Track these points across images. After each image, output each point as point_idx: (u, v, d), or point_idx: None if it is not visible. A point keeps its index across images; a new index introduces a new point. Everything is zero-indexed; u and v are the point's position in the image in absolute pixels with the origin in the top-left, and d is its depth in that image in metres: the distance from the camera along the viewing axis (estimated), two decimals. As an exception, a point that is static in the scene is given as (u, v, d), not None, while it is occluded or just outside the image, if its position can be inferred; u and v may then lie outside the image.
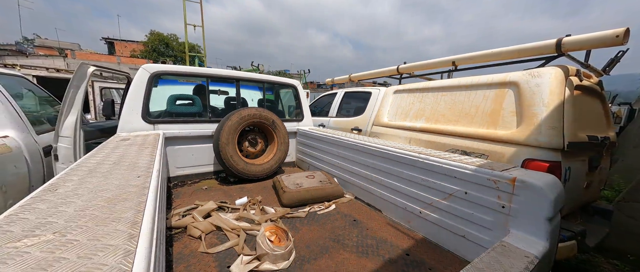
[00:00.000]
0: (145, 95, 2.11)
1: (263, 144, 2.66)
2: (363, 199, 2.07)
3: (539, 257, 0.91)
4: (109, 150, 1.28)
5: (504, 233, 1.12)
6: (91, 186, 0.77)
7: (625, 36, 1.56)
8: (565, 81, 1.73)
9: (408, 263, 1.29)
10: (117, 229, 0.52)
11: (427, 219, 1.52)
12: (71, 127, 1.92)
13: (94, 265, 0.41)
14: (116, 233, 0.51)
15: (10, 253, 0.43)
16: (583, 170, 1.88)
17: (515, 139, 1.78)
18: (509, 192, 1.13)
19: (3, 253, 0.43)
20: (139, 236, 0.50)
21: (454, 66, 2.66)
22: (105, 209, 0.61)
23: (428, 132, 2.44)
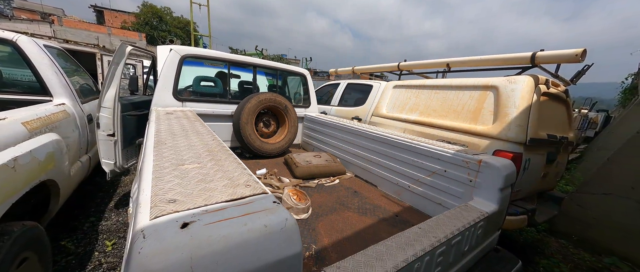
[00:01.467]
0: (176, 75, 2.36)
1: (275, 125, 2.98)
2: (361, 177, 2.45)
3: (489, 213, 1.31)
4: (166, 121, 1.58)
5: (469, 200, 1.52)
6: (184, 143, 1.09)
7: (582, 55, 1.94)
8: (534, 88, 2.11)
9: (397, 222, 1.70)
10: (232, 163, 0.86)
11: (414, 192, 1.92)
12: (111, 99, 2.17)
13: (236, 178, 0.75)
14: (234, 165, 0.84)
15: (184, 170, 0.77)
16: (541, 162, 2.32)
17: (490, 133, 2.18)
18: (476, 170, 1.52)
19: (180, 171, 0.77)
20: (244, 165, 0.84)
21: (448, 67, 3.01)
22: (217, 153, 0.94)
23: (421, 124, 2.82)
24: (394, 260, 0.86)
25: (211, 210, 0.56)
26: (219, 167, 0.83)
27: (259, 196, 0.65)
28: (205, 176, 0.75)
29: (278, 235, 0.53)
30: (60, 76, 1.92)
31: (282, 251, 0.52)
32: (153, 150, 0.96)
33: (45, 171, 1.31)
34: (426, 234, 1.03)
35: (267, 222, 0.53)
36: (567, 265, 2.70)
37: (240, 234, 0.49)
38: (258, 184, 0.72)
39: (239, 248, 0.48)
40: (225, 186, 0.69)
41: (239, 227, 0.51)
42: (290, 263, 0.53)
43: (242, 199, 0.63)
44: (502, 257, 1.53)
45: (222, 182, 0.71)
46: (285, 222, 0.55)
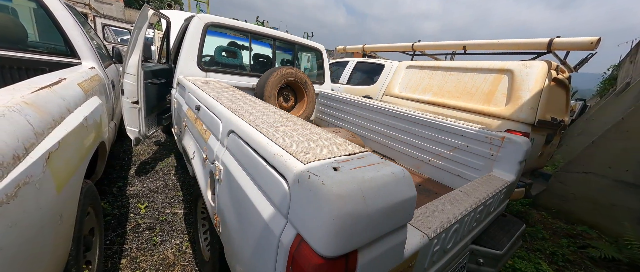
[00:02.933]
0: (200, 44, 2.30)
1: (294, 100, 3.02)
2: (380, 152, 2.61)
3: (510, 182, 1.51)
4: (211, 90, 1.60)
5: (489, 172, 1.72)
6: (253, 109, 1.15)
7: (597, 43, 2.10)
8: (547, 73, 2.28)
9: (421, 190, 1.89)
10: (309, 128, 0.95)
11: (434, 165, 2.10)
12: (135, 65, 2.11)
13: (333, 139, 0.84)
14: (316, 129, 0.93)
15: (285, 131, 0.85)
16: (541, 142, 2.57)
17: (502, 115, 2.36)
18: (498, 146, 1.70)
19: (282, 132, 0.85)
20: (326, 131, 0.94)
21: (464, 50, 3.10)
22: (289, 120, 1.02)
23: (434, 105, 2.97)
24: (452, 213, 1.02)
25: (342, 160, 0.66)
26: (309, 130, 0.92)
27: (366, 153, 0.76)
28: (306, 136, 0.84)
29: (402, 180, 0.64)
30: (85, 37, 1.83)
31: (406, 192, 0.64)
32: (233, 115, 1.03)
33: (101, 133, 1.33)
34: (469, 195, 1.20)
35: (391, 171, 0.65)
36: (547, 232, 3.12)
37: (380, 177, 0.61)
38: (354, 145, 0.83)
39: (383, 187, 0.59)
40: (332, 144, 0.79)
41: (375, 172, 0.62)
42: (410, 202, 0.65)
43: (356, 154, 0.73)
44: (509, 221, 1.77)
45: (325, 142, 0.81)
46: (403, 172, 0.67)
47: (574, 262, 2.56)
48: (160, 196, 2.38)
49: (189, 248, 1.83)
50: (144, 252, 1.71)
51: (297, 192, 0.58)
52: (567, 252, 2.68)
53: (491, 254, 1.42)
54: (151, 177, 2.70)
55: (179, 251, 1.78)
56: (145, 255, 1.70)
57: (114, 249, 1.70)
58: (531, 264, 2.37)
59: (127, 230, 1.89)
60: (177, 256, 1.74)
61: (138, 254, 1.69)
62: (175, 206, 2.28)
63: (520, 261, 2.39)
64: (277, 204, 0.66)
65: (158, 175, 2.76)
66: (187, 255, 1.77)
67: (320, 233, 0.51)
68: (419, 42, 3.62)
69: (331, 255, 0.51)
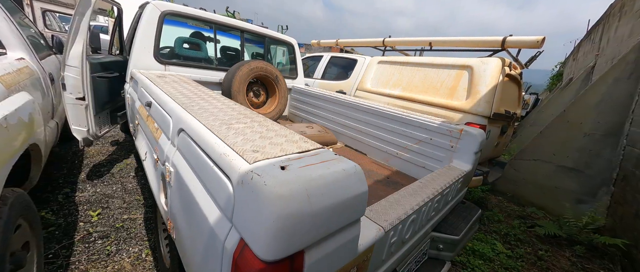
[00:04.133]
0: (157, 34, 2.11)
1: (265, 96, 2.92)
2: (352, 146, 2.65)
3: (466, 172, 1.62)
4: (167, 85, 1.47)
5: (449, 163, 1.82)
6: (210, 106, 1.08)
7: (542, 42, 2.31)
8: (501, 70, 2.46)
9: (389, 182, 1.95)
10: (269, 124, 0.91)
11: (401, 158, 2.18)
12: (78, 57, 1.88)
13: (289, 136, 0.82)
14: (275, 124, 0.90)
15: (238, 128, 0.81)
16: (497, 133, 2.79)
17: (463, 108, 2.51)
18: (457, 138, 1.80)
19: (235, 130, 0.80)
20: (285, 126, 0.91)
21: (430, 46, 3.23)
22: (244, 115, 0.97)
23: (403, 99, 3.07)
24: (410, 204, 1.06)
25: (294, 158, 0.64)
26: (266, 127, 0.88)
27: (320, 149, 0.75)
28: (260, 133, 0.80)
29: (353, 176, 0.64)
30: (10, 23, 1.58)
31: (357, 188, 0.64)
32: (183, 111, 0.95)
33: (31, 134, 1.16)
34: (427, 187, 1.26)
35: (342, 167, 0.64)
36: (503, 214, 3.43)
37: (330, 175, 0.60)
38: (310, 141, 0.81)
39: (332, 185, 0.58)
40: (287, 142, 0.76)
41: (325, 170, 0.61)
42: (362, 198, 0.66)
43: (309, 151, 0.71)
44: (467, 207, 1.91)
45: (281, 139, 0.78)
46: (354, 167, 0.67)
47: (524, 241, 2.85)
48: (116, 201, 2.18)
49: (149, 256, 1.70)
50: (95, 264, 1.56)
51: (240, 194, 0.55)
52: (519, 232, 2.98)
53: (449, 240, 1.52)
54: (106, 181, 2.46)
55: (137, 260, 1.65)
56: (96, 266, 1.55)
57: (59, 263, 1.52)
58: (487, 245, 2.60)
59: (75, 241, 1.71)
60: (135, 265, 1.61)
61: (88, 267, 1.53)
62: (134, 211, 2.11)
63: (478, 243, 2.60)
64: (222, 207, 0.62)
65: (115, 178, 2.53)
66: (147, 263, 1.65)
67: (261, 237, 0.49)
68: (390, 38, 3.70)
69: (273, 259, 0.49)
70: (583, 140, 3.32)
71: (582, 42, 9.27)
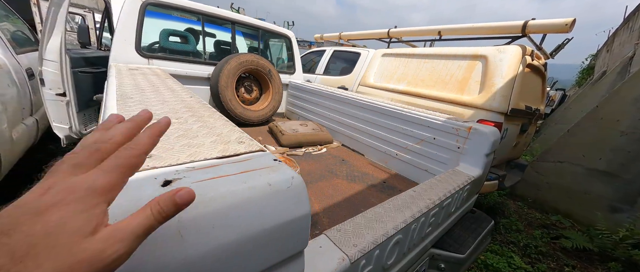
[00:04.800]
0: (138, 26, 2.00)
1: (258, 92, 2.77)
2: (349, 146, 2.43)
3: (475, 177, 1.36)
4: (130, 77, 1.34)
5: (455, 166, 1.57)
6: (156, 98, 0.92)
7: (571, 25, 1.96)
8: (521, 59, 2.14)
9: (385, 187, 1.72)
10: (218, 120, 0.73)
11: (401, 159, 1.94)
12: (56, 50, 1.80)
13: (226, 135, 0.63)
14: (222, 122, 0.72)
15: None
16: (515, 132, 2.46)
17: (475, 104, 2.22)
18: (465, 137, 1.54)
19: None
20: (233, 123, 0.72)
21: (439, 36, 2.93)
22: (194, 110, 0.80)
23: (408, 95, 2.80)
24: (393, 221, 0.84)
25: (199, 167, 0.45)
26: (204, 124, 0.70)
27: (256, 154, 0.55)
28: (187, 131, 0.62)
29: (284, 194, 0.45)
30: (-21, 15, 1.50)
31: (289, 211, 0.45)
32: (116, 103, 0.79)
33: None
34: (421, 197, 1.03)
35: (271, 180, 0.45)
36: (522, 223, 3.08)
37: (240, 193, 0.40)
38: (254, 141, 0.62)
39: (239, 209, 0.39)
40: (214, 143, 0.57)
41: (238, 185, 0.41)
42: (298, 225, 0.46)
43: (237, 156, 0.52)
44: (477, 218, 1.65)
45: (209, 139, 0.59)
46: (291, 180, 0.47)
47: (546, 254, 2.51)
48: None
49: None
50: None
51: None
52: (541, 244, 2.64)
53: (453, 258, 1.28)
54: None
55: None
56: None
57: None
58: (503, 259, 2.30)
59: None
60: None
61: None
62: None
63: (492, 256, 2.31)
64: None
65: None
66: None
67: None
68: (395, 29, 3.42)
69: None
70: (619, 140, 2.89)
71: (618, 31, 8.38)
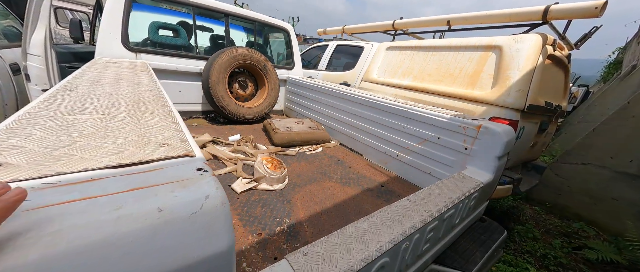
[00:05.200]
0: (124, 18, 1.91)
1: (253, 88, 2.65)
2: (347, 145, 2.27)
3: (484, 183, 1.17)
4: (100, 68, 1.24)
5: (461, 169, 1.38)
6: (105, 91, 0.80)
7: (602, 8, 1.71)
8: (541, 49, 1.90)
9: (382, 192, 1.56)
10: (156, 117, 0.60)
11: (402, 160, 1.77)
12: (40, 44, 1.74)
13: (154, 134, 0.50)
14: (159, 120, 0.59)
15: (71, 120, 0.51)
16: (533, 131, 2.22)
17: (487, 99, 2.00)
18: (473, 137, 1.35)
19: (62, 122, 0.50)
20: (178, 121, 0.59)
21: (448, 26, 2.70)
22: (134, 105, 0.67)
23: (413, 90, 2.60)
24: (378, 241, 0.68)
25: (66, 182, 0.32)
26: (136, 120, 0.57)
27: (175, 160, 0.41)
28: (100, 130, 0.49)
29: (182, 225, 0.30)
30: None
31: (192, 249, 0.30)
32: (47, 96, 0.68)
33: None
34: (417, 208, 0.87)
35: (167, 203, 0.31)
36: (539, 230, 2.82)
37: (103, 227, 0.26)
38: (185, 144, 0.48)
39: (97, 252, 0.25)
40: (123, 145, 0.44)
41: (106, 213, 0.28)
42: (209, 267, 0.32)
43: (142, 164, 0.39)
44: (487, 227, 1.46)
45: (122, 140, 0.46)
46: (203, 201, 0.33)
47: (567, 267, 2.27)
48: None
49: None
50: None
51: None
52: (560, 255, 2.39)
53: (456, 277, 1.11)
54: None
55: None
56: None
57: None
58: (517, 271, 2.08)
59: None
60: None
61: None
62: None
63: (506, 268, 2.09)
64: None
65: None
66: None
67: None
68: (401, 20, 3.20)
69: None
70: (655, 140, 2.57)
71: (650, 21, 7.69)
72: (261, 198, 1.29)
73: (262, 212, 1.17)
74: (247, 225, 1.07)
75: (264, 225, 1.10)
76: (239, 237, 0.99)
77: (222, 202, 0.34)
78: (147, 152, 0.42)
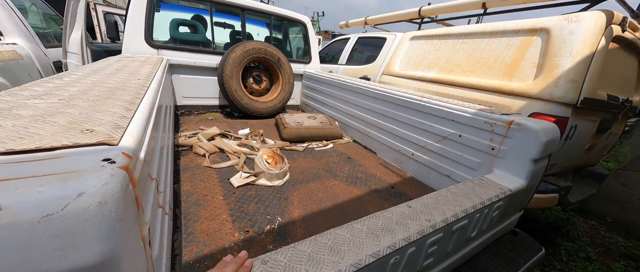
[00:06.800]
0: (147, 16, 2.02)
1: (268, 82, 2.63)
2: (360, 142, 2.13)
3: (512, 190, 0.97)
4: (112, 61, 1.30)
5: (487, 173, 1.17)
6: (94, 79, 0.81)
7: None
8: (604, 29, 1.53)
9: (392, 194, 1.41)
10: (115, 104, 0.57)
11: (418, 160, 1.58)
12: (77, 43, 1.92)
13: (93, 117, 0.46)
14: (114, 106, 0.55)
15: (20, 104, 0.49)
16: (590, 131, 1.83)
17: (527, 92, 1.69)
18: (502, 135, 1.13)
19: (15, 103, 0.49)
20: (135, 111, 0.55)
21: (483, 9, 2.36)
22: (105, 93, 0.66)
23: (438, 83, 2.34)
24: (357, 253, 0.58)
25: None
26: (91, 105, 0.54)
27: (84, 149, 0.36)
28: (42, 113, 0.47)
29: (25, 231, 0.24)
30: (9, 10, 1.66)
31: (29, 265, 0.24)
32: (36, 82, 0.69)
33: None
34: (417, 216, 0.73)
35: (16, 200, 0.25)
36: (595, 249, 2.36)
37: None
38: (114, 131, 0.43)
39: None
40: (47, 129, 0.40)
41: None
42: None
43: (42, 151, 0.34)
44: (520, 242, 1.23)
45: (51, 124, 0.42)
46: (68, 201, 0.26)
47: (630, 298, 1.85)
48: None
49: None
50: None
51: None
52: (622, 282, 1.96)
53: (470, 301, 0.93)
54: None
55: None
56: None
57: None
58: (561, 297, 1.75)
59: None
60: None
61: None
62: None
63: (544, 291, 1.78)
64: None
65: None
66: None
67: None
68: (428, 6, 2.90)
69: None
70: None
71: None
72: (257, 194, 1.24)
73: (255, 209, 1.13)
74: (236, 221, 1.03)
75: (254, 222, 1.04)
76: (224, 234, 0.96)
77: (100, 202, 0.27)
78: (62, 137, 0.38)
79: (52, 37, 2.34)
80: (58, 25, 2.51)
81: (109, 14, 5.10)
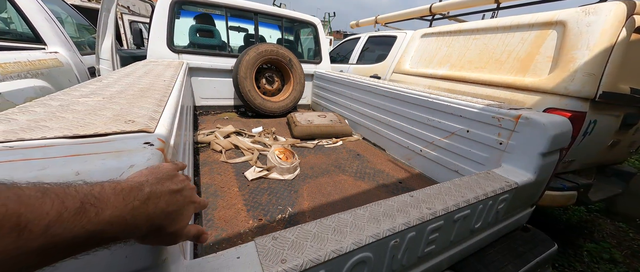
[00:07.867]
0: (169, 23, 2.18)
1: (280, 82, 2.73)
2: (370, 140, 2.17)
3: (519, 184, 0.97)
4: (139, 66, 1.44)
5: (495, 167, 1.17)
6: (127, 81, 0.92)
7: None
8: (625, 20, 1.47)
9: (399, 188, 1.44)
10: (148, 101, 0.66)
11: (427, 156, 1.60)
12: (108, 50, 2.10)
13: (132, 111, 0.55)
14: (147, 103, 0.64)
15: (74, 101, 0.59)
16: (612, 127, 1.75)
17: (542, 87, 1.65)
18: (510, 129, 1.13)
19: (70, 101, 0.59)
20: (164, 107, 0.64)
21: (497, 4, 2.31)
22: (138, 92, 0.76)
23: (449, 80, 2.32)
24: (358, 234, 0.63)
25: (19, 147, 0.37)
26: (128, 102, 0.64)
27: (129, 135, 0.44)
28: (90, 109, 0.56)
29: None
30: (52, 23, 1.86)
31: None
32: (80, 85, 0.81)
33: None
34: (418, 204, 0.77)
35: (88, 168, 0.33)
36: (622, 251, 2.23)
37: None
38: (150, 122, 0.51)
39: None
40: (97, 120, 0.49)
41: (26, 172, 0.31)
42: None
43: (97, 136, 0.43)
44: (531, 238, 1.22)
45: (100, 117, 0.52)
46: (124, 170, 0.34)
47: (659, 303, 1.74)
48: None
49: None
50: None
51: None
52: (650, 287, 1.85)
53: (475, 291, 0.95)
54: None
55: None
56: None
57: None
58: (580, 298, 1.69)
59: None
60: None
61: None
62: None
63: (561, 292, 1.72)
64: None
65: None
66: None
67: None
68: (439, 2, 2.87)
69: None
70: None
71: None
72: (270, 186, 1.32)
73: (267, 200, 1.21)
74: (250, 210, 1.12)
75: (267, 211, 1.12)
76: (240, 221, 1.04)
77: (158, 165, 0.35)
78: (112, 126, 0.47)
79: (85, 45, 2.57)
80: (90, 34, 2.76)
81: (134, 23, 5.47)
